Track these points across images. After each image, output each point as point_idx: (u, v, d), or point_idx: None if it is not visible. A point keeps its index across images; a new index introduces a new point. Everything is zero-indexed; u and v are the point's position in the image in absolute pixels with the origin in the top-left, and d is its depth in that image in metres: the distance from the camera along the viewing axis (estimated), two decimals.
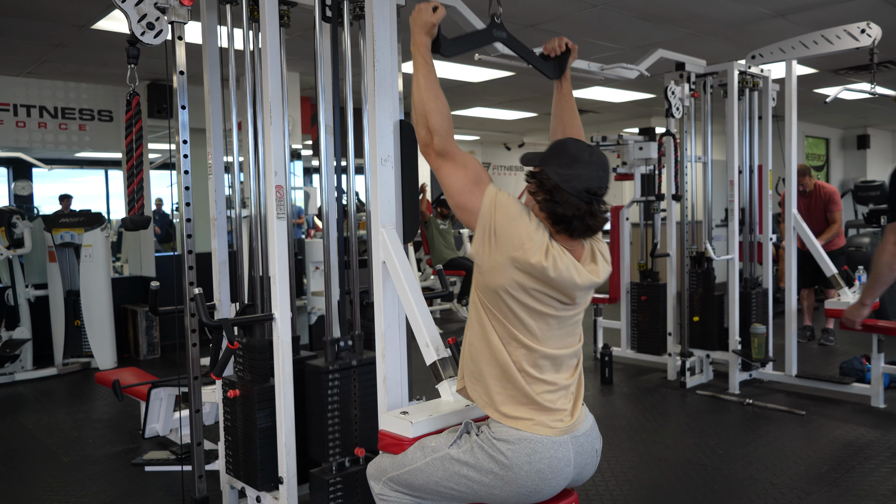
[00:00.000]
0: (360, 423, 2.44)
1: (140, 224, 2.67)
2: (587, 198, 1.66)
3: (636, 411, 4.29)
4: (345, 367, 2.43)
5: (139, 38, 2.29)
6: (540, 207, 1.70)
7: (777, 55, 4.55)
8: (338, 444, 2.41)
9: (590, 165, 1.69)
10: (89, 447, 3.86)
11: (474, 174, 1.74)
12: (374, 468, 1.90)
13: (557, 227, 1.69)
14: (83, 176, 12.71)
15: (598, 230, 1.73)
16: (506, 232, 1.65)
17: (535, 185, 1.71)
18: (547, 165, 1.70)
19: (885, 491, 3.08)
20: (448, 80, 7.03)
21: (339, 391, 2.41)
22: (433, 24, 1.85)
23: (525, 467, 1.67)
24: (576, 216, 1.66)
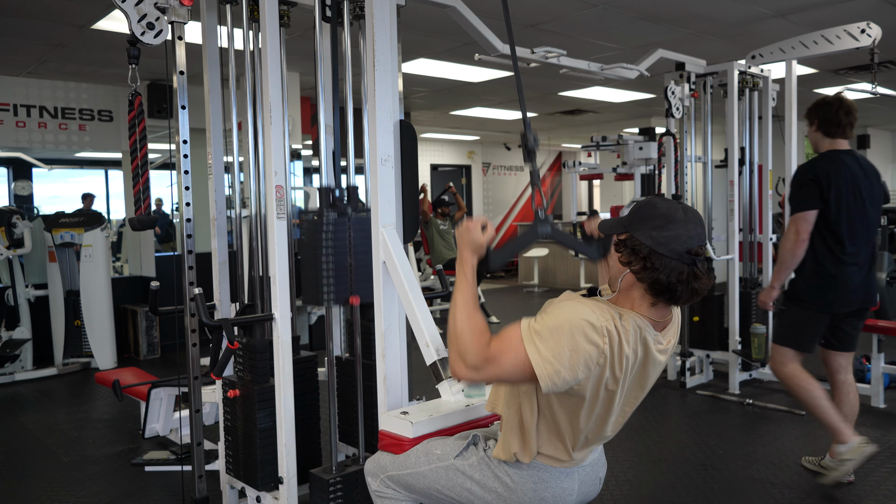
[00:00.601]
0: (354, 273, 2.40)
1: (147, 224, 2.67)
2: (689, 259, 1.51)
3: (636, 411, 4.26)
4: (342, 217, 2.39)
5: (139, 38, 2.29)
6: (638, 279, 1.55)
7: (777, 55, 4.56)
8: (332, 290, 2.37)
9: (686, 224, 1.53)
10: (89, 447, 3.86)
11: (510, 349, 1.53)
12: (373, 465, 1.90)
13: (660, 298, 1.55)
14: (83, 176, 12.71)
15: (704, 293, 1.56)
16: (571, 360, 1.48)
17: (628, 253, 1.56)
18: (636, 230, 1.55)
19: (885, 491, 3.07)
20: (448, 80, 7.03)
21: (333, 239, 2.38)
22: (483, 246, 1.70)
23: (529, 493, 1.67)
24: (679, 281, 1.51)
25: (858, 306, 3.14)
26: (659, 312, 1.59)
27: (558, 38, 5.36)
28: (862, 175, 3.09)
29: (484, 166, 13.49)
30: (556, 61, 4.01)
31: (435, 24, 4.89)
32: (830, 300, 3.09)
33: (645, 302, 1.57)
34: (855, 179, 3.05)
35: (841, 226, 3.04)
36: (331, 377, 2.58)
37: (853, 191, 3.04)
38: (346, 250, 2.39)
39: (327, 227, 2.34)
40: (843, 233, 3.05)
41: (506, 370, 1.53)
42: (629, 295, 1.59)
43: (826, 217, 3.04)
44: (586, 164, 7.83)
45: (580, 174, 7.92)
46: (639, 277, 1.55)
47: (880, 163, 12.79)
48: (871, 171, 3.17)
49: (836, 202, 3.02)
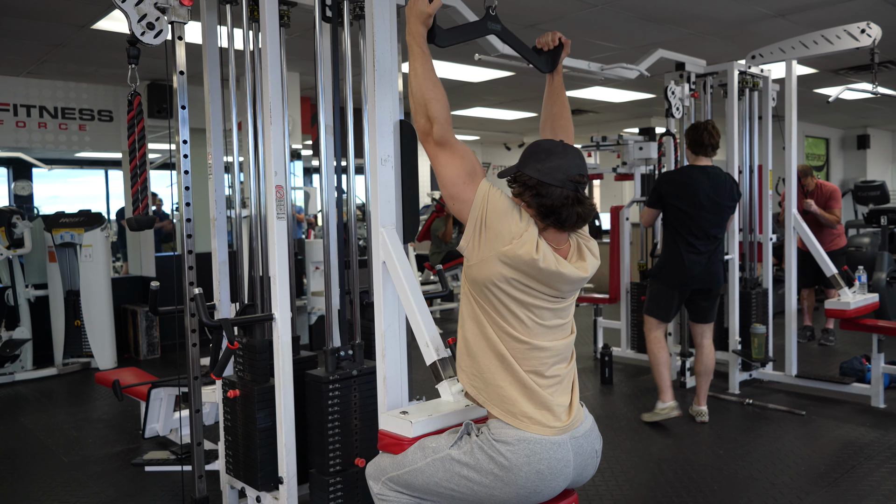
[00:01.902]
0: (360, 434, 2.43)
1: (145, 224, 2.67)
2: (572, 186, 1.70)
3: (636, 411, 4.29)
4: (345, 378, 2.41)
5: (139, 38, 2.29)
6: (528, 205, 1.73)
7: (777, 55, 4.55)
8: (338, 455, 2.39)
9: (565, 156, 1.73)
10: (89, 447, 3.86)
11: (470, 166, 1.77)
12: (374, 468, 1.90)
13: (547, 221, 1.71)
14: (83, 176, 12.71)
15: (588, 218, 1.75)
16: (496, 226, 1.68)
17: (519, 187, 1.75)
18: (525, 167, 1.74)
19: (885, 491, 3.08)
20: (448, 80, 7.03)
21: (339, 401, 2.39)
22: (429, 15, 1.87)
23: (525, 468, 1.67)
24: (564, 205, 1.69)
25: (701, 286, 3.91)
26: (553, 237, 1.74)
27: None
28: (708, 185, 3.81)
29: (484, 166, 13.49)
30: None
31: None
32: (677, 280, 3.91)
33: (540, 227, 1.73)
34: (697, 190, 3.79)
35: (686, 225, 3.84)
36: None
37: (695, 199, 3.79)
38: (351, 411, 2.42)
39: (333, 393, 2.37)
40: (689, 230, 3.83)
41: (454, 170, 1.75)
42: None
43: (675, 217, 3.87)
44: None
45: None
46: (529, 205, 1.73)
47: (880, 163, 12.80)
48: (721, 181, 3.87)
49: (680, 207, 3.82)
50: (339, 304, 2.63)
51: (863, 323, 4.30)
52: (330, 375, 2.38)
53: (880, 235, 7.11)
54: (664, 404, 3.94)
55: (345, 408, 2.39)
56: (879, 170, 12.64)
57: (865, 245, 7.17)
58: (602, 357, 4.96)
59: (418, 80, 1.81)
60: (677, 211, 3.84)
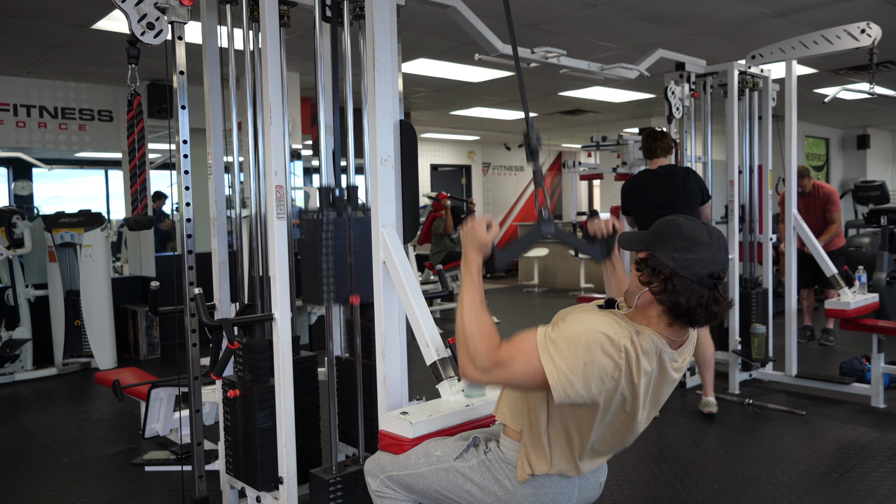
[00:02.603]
0: (354, 273, 2.40)
1: (144, 224, 2.68)
2: (711, 283, 1.49)
3: None
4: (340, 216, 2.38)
5: (139, 38, 2.29)
6: (657, 300, 1.53)
7: (777, 55, 4.55)
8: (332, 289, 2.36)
9: (711, 248, 1.50)
10: (89, 447, 3.86)
11: (523, 354, 1.52)
12: (373, 465, 1.90)
13: (678, 321, 1.53)
14: (83, 176, 12.71)
15: (721, 318, 1.55)
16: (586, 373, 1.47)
17: (648, 272, 1.53)
18: (658, 250, 1.53)
19: (885, 491, 3.08)
20: (448, 80, 7.03)
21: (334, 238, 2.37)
22: (488, 245, 1.68)
23: (529, 498, 1.68)
24: (699, 305, 1.49)
25: None
26: (676, 332, 1.57)
27: (558, 38, 5.36)
28: (658, 185, 4.07)
29: (484, 166, 13.49)
30: (556, 61, 4.01)
31: (435, 24, 4.89)
32: None
33: (662, 321, 1.55)
34: (648, 192, 4.09)
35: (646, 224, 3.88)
36: (331, 377, 2.58)
37: (648, 201, 4.08)
38: (345, 249, 2.39)
39: (327, 227, 2.34)
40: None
41: (516, 375, 1.51)
42: (646, 312, 1.58)
43: (639, 221, 4.15)
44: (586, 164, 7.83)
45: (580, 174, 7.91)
46: (658, 299, 1.52)
47: (880, 163, 12.80)
48: (671, 178, 4.07)
49: (639, 211, 4.13)
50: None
51: (863, 323, 4.30)
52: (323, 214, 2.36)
53: (880, 235, 7.10)
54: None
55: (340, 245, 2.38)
56: (879, 170, 12.64)
57: (865, 245, 7.16)
58: None
59: (462, 312, 1.61)
60: (638, 215, 4.13)
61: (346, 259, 2.39)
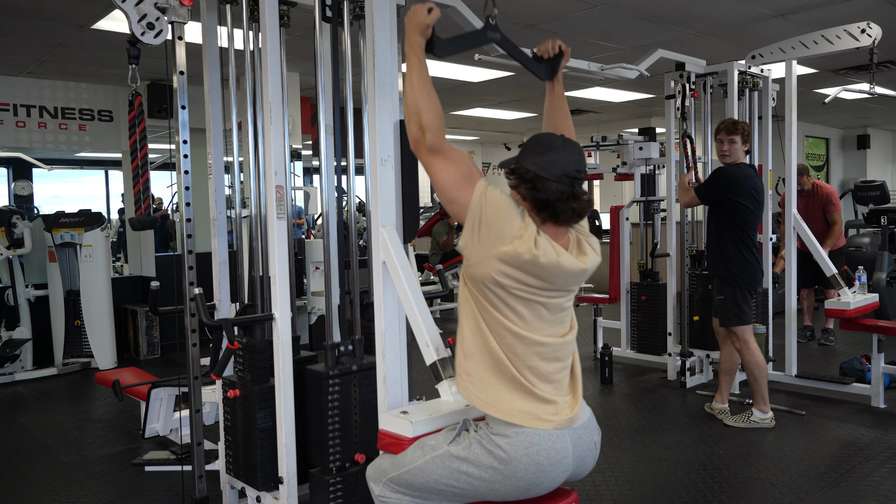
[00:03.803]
0: (360, 429, 2.43)
1: (147, 224, 2.67)
2: (568, 181, 1.70)
3: (636, 411, 4.29)
4: (345, 373, 2.41)
5: (139, 38, 2.30)
6: (524, 198, 1.73)
7: (777, 55, 4.55)
8: (338, 450, 2.39)
9: (564, 150, 1.74)
10: (89, 447, 3.86)
11: (465, 169, 1.77)
12: (374, 470, 1.90)
13: (543, 215, 1.71)
14: (83, 176, 12.72)
15: (584, 213, 1.76)
16: (495, 226, 1.68)
17: (516, 179, 1.75)
18: (524, 159, 1.75)
19: (885, 491, 3.08)
20: (448, 80, 7.03)
21: (339, 396, 2.39)
22: (427, 25, 1.86)
23: (524, 460, 1.68)
24: (560, 200, 1.69)
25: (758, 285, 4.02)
26: (551, 231, 1.73)
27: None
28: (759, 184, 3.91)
29: (484, 166, 13.49)
30: None
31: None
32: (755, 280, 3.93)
33: (535, 222, 1.73)
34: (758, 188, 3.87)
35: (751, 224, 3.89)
36: None
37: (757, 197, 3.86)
38: (350, 406, 2.41)
39: (333, 388, 2.36)
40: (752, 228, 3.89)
41: (449, 175, 1.74)
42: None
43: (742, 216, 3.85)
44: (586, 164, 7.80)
45: None
46: (524, 198, 1.73)
47: (880, 163, 12.80)
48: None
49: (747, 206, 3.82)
50: (339, 300, 2.62)
51: (863, 323, 4.30)
52: (330, 370, 2.37)
53: (880, 235, 7.10)
54: (765, 415, 3.92)
55: (345, 403, 2.39)
56: (879, 170, 12.64)
57: (865, 245, 7.17)
58: (602, 357, 4.96)
59: (412, 90, 1.80)
60: (745, 209, 3.79)
61: (352, 417, 2.41)
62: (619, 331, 5.54)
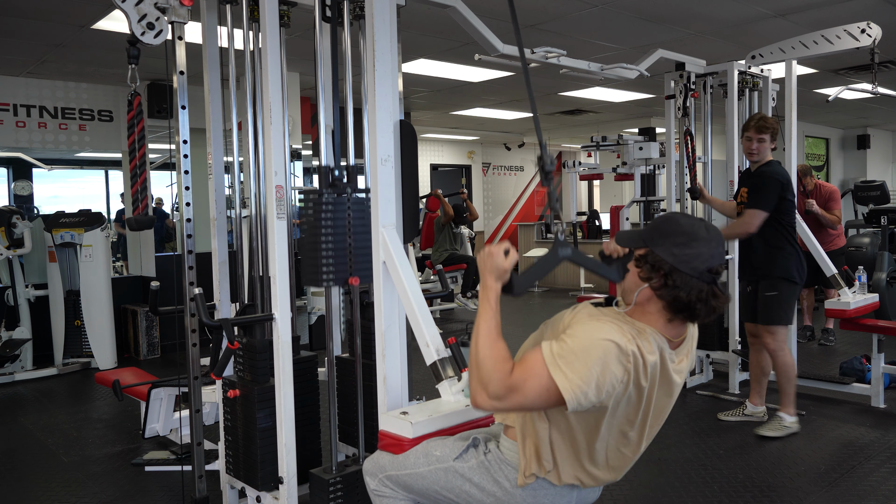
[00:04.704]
0: (353, 254, 2.38)
1: (145, 224, 2.67)
2: (709, 278, 1.52)
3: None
4: (340, 193, 2.36)
5: (139, 38, 2.29)
6: (657, 295, 1.55)
7: (777, 55, 4.55)
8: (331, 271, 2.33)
9: (709, 243, 1.54)
10: (89, 447, 3.86)
11: (533, 377, 1.50)
12: (372, 464, 1.90)
13: (678, 316, 1.55)
14: (83, 176, 12.71)
15: (721, 311, 1.58)
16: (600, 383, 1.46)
17: (648, 269, 1.55)
18: (657, 246, 1.55)
19: (885, 491, 3.08)
20: (448, 80, 7.03)
21: (332, 217, 2.34)
22: (507, 271, 1.64)
23: (528, 500, 1.67)
24: (699, 300, 1.52)
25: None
26: (675, 330, 1.58)
27: (558, 38, 5.36)
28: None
29: (484, 166, 13.50)
30: (556, 61, 4.01)
31: (435, 24, 4.89)
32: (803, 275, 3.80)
33: (662, 318, 1.56)
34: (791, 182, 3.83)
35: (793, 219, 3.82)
36: (331, 377, 2.58)
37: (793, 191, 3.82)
38: (345, 230, 2.36)
39: (326, 207, 2.31)
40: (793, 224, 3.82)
41: (530, 398, 1.50)
42: (645, 309, 1.59)
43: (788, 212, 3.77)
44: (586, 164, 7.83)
45: (580, 174, 7.92)
46: (658, 294, 1.54)
47: (880, 163, 12.80)
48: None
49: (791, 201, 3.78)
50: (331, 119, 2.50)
51: (863, 323, 4.29)
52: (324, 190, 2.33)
53: (880, 235, 7.10)
54: (792, 418, 3.80)
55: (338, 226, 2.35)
56: (879, 170, 12.65)
57: (865, 245, 7.16)
58: None
59: (477, 339, 1.58)
60: (792, 206, 3.77)
61: (346, 240, 2.36)
62: None
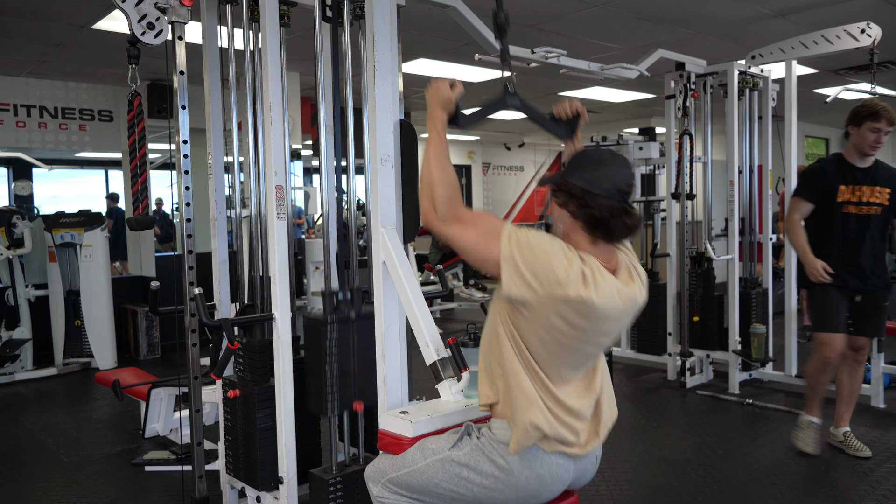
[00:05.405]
0: (358, 377, 2.39)
1: (145, 224, 2.67)
2: (619, 196, 1.64)
3: (636, 411, 4.29)
4: (343, 320, 2.36)
5: (139, 38, 2.29)
6: (574, 217, 1.67)
7: (777, 55, 4.55)
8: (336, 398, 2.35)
9: (614, 165, 1.68)
10: (89, 447, 3.87)
11: (485, 227, 1.67)
12: (373, 470, 1.89)
13: (595, 233, 1.65)
14: (83, 176, 12.72)
15: (636, 229, 1.70)
16: (538, 270, 1.58)
17: (564, 196, 1.68)
18: (571, 175, 1.68)
19: (885, 491, 3.08)
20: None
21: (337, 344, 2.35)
22: (452, 101, 1.83)
23: (525, 472, 1.67)
24: (612, 216, 1.63)
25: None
26: (603, 254, 1.68)
27: (558, 38, 5.36)
28: None
29: (484, 166, 13.49)
30: (556, 61, 4.01)
31: (435, 24, 4.89)
32: None
33: (586, 240, 1.68)
34: None
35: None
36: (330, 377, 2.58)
37: None
38: (349, 355, 2.39)
39: (331, 335, 2.34)
40: None
41: (470, 238, 1.67)
42: (572, 237, 1.70)
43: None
44: None
45: None
46: (575, 216, 1.67)
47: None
48: None
49: None
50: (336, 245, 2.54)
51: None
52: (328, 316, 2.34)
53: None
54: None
55: (343, 351, 2.36)
56: None
57: None
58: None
59: (428, 164, 1.75)
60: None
61: (350, 365, 2.38)
62: None
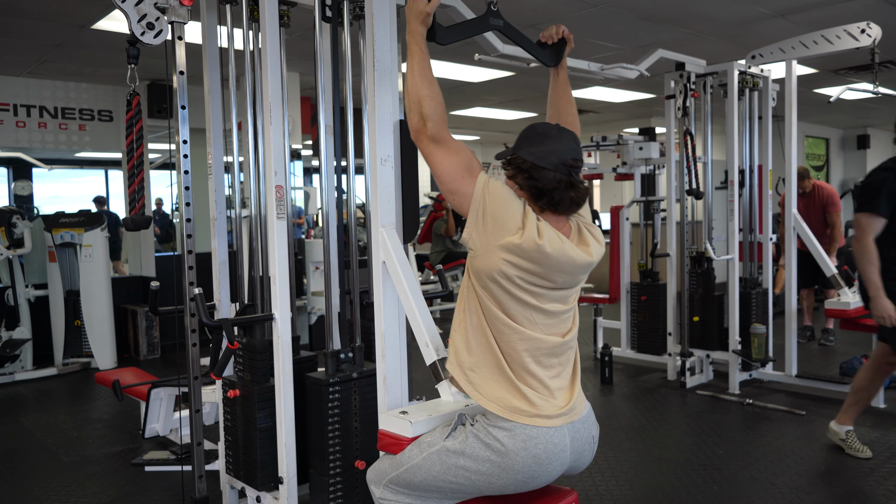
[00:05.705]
0: (360, 436, 2.42)
1: (141, 224, 2.67)
2: (565, 170, 1.71)
3: (636, 411, 4.29)
4: (345, 380, 2.40)
5: (139, 38, 2.29)
6: (521, 188, 1.75)
7: (777, 55, 4.55)
8: (338, 457, 2.38)
9: (560, 139, 1.75)
10: (89, 447, 3.86)
11: (466, 160, 1.77)
12: (374, 473, 1.89)
13: (541, 203, 1.73)
14: (83, 176, 12.71)
15: (581, 202, 1.77)
16: (498, 216, 1.69)
17: (513, 169, 1.77)
18: (520, 149, 1.76)
19: (884, 491, 3.07)
20: (448, 80, 7.03)
21: (339, 404, 2.38)
22: (428, 14, 1.88)
23: (521, 453, 1.68)
24: (556, 188, 1.71)
25: None
26: (553, 220, 1.75)
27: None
28: None
29: (484, 166, 13.49)
30: None
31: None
32: None
33: (536, 210, 1.74)
34: None
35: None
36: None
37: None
38: (351, 414, 2.40)
39: (333, 396, 2.35)
40: None
41: (450, 164, 1.75)
42: None
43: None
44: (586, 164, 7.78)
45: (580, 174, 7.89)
46: (522, 187, 1.75)
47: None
48: None
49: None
50: (339, 305, 2.62)
51: (863, 323, 4.29)
52: (330, 378, 2.37)
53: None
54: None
55: (345, 410, 2.39)
56: None
57: None
58: (602, 357, 4.96)
59: (414, 78, 1.81)
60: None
61: (352, 424, 2.40)
62: (619, 331, 5.54)
